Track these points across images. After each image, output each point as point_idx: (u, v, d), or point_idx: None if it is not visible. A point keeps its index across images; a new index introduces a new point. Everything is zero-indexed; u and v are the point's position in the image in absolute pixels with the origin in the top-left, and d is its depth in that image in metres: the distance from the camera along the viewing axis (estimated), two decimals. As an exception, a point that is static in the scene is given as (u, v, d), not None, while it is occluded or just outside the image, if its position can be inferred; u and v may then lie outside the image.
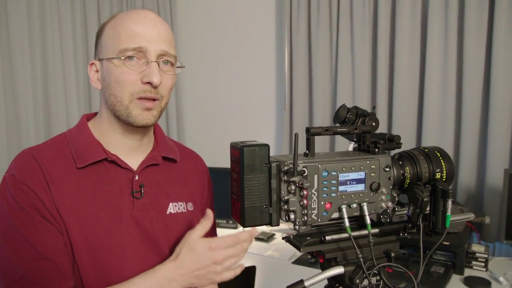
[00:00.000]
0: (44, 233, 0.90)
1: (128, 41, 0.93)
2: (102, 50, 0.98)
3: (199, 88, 3.22)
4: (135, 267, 0.96)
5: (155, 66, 0.94)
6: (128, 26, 0.94)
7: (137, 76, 0.94)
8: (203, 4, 3.12)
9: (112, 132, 1.01)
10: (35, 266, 0.88)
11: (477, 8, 2.11)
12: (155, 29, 0.95)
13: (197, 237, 0.93)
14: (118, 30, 0.95)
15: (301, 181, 0.81)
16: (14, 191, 0.89)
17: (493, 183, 2.12)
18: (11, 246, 0.89)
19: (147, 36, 0.94)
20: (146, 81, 0.93)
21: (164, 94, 0.98)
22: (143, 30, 0.94)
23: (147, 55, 0.94)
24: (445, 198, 0.88)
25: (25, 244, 0.88)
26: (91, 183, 0.96)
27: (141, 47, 0.93)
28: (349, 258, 0.89)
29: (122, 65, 0.93)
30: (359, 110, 1.06)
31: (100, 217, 0.95)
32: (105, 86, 0.98)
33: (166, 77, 0.97)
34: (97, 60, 1.00)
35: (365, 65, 2.43)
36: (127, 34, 0.93)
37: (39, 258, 0.89)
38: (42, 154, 0.95)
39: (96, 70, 1.00)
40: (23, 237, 0.88)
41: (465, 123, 2.19)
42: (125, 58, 0.93)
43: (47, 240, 0.90)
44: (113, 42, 0.95)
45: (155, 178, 1.06)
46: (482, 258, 1.92)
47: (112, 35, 0.96)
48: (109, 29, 0.97)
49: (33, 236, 0.89)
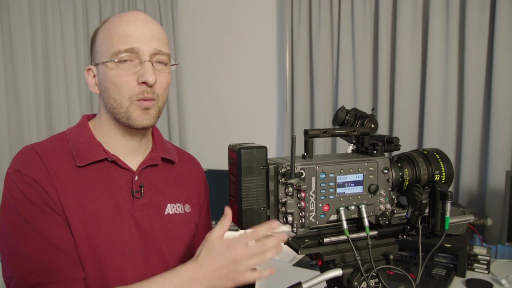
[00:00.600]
0: (55, 225, 0.90)
1: (120, 42, 0.94)
2: (97, 54, 0.99)
3: (200, 91, 3.22)
4: (135, 266, 0.97)
5: (149, 66, 0.94)
6: (120, 28, 0.95)
7: (132, 77, 0.94)
8: (204, 6, 3.13)
9: (112, 134, 1.02)
10: (48, 257, 0.89)
11: (478, 9, 2.10)
12: (146, 29, 0.96)
13: (216, 236, 0.88)
14: (110, 33, 0.96)
15: (298, 183, 0.81)
16: (21, 186, 0.90)
17: (495, 185, 2.11)
18: (22, 239, 0.89)
19: (139, 37, 0.94)
20: (141, 81, 0.94)
21: (160, 93, 0.98)
22: (134, 31, 0.95)
23: (140, 55, 0.94)
24: (444, 200, 0.87)
25: (36, 236, 0.89)
26: (91, 181, 0.97)
27: (134, 48, 0.94)
28: (348, 260, 0.89)
29: (117, 68, 0.94)
30: (358, 112, 1.06)
31: (101, 215, 0.95)
32: (103, 90, 0.99)
33: (161, 76, 0.98)
34: (93, 65, 1.01)
35: (366, 67, 2.43)
36: (119, 36, 0.94)
37: (51, 249, 0.89)
38: (44, 150, 0.96)
39: (93, 75, 1.02)
40: (34, 230, 0.89)
41: (466, 124, 2.18)
42: (118, 61, 0.94)
43: (57, 231, 0.90)
44: (106, 46, 0.96)
45: (154, 179, 1.06)
46: (484, 260, 1.91)
47: (105, 39, 0.97)
48: (102, 33, 0.99)
49: (44, 228, 0.89)
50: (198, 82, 3.21)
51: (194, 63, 3.19)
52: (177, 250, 1.06)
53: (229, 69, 3.06)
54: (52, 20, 2.58)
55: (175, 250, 1.05)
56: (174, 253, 1.05)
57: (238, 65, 3.02)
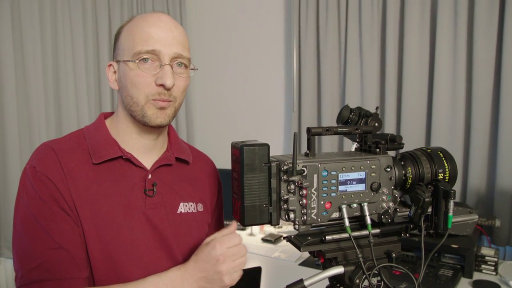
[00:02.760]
0: (62, 224, 0.92)
1: (142, 44, 0.95)
2: (119, 52, 1.01)
3: (208, 90, 3.24)
4: (145, 263, 0.99)
5: (168, 69, 0.96)
6: (143, 29, 0.97)
7: (151, 78, 0.96)
8: (212, 7, 3.14)
9: (128, 131, 1.04)
10: (51, 255, 0.91)
11: (487, 8, 2.08)
12: (169, 32, 0.97)
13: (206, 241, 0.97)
14: (133, 33, 0.98)
15: (300, 181, 0.81)
16: (34, 182, 0.93)
17: (504, 185, 2.09)
18: (30, 235, 0.92)
19: (161, 39, 0.96)
20: (159, 83, 0.96)
21: (177, 95, 1.00)
22: (157, 33, 0.96)
23: (161, 58, 0.96)
24: (447, 198, 0.87)
25: (43, 233, 0.91)
26: (105, 179, 0.99)
27: (155, 50, 0.95)
28: (350, 258, 0.89)
29: (137, 68, 0.96)
30: (362, 111, 1.06)
31: (113, 212, 0.97)
32: (122, 87, 1.01)
33: (179, 79, 0.99)
34: (114, 61, 1.03)
35: (373, 67, 2.42)
36: (142, 37, 0.96)
37: (55, 247, 0.91)
38: (61, 147, 0.98)
39: (114, 71, 1.04)
40: (41, 227, 0.91)
41: (475, 124, 2.17)
42: (139, 61, 0.95)
43: (64, 230, 0.92)
44: (129, 45, 0.97)
45: (167, 177, 1.08)
46: (491, 261, 1.89)
47: (128, 38, 0.99)
48: (125, 31, 1.01)
49: (51, 226, 0.92)
50: (205, 81, 3.23)
51: (202, 63, 3.21)
52: (188, 249, 1.07)
53: (237, 69, 3.07)
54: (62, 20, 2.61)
55: (186, 249, 1.06)
56: (185, 251, 1.06)
57: (246, 65, 3.03)
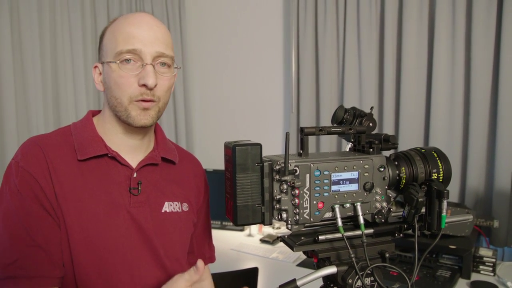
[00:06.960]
0: (40, 222, 0.93)
1: (123, 43, 0.95)
2: (103, 53, 1.01)
3: (207, 91, 3.24)
4: (129, 261, 0.99)
5: (150, 69, 0.96)
6: (124, 29, 0.97)
7: (133, 79, 0.96)
8: (211, 7, 3.14)
9: (114, 131, 1.04)
10: (27, 252, 0.91)
11: (485, 8, 2.08)
12: (150, 31, 0.97)
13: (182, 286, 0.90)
14: (115, 33, 0.98)
15: (292, 180, 0.81)
16: (17, 178, 0.93)
17: (502, 186, 2.09)
18: (9, 230, 0.92)
19: (142, 39, 0.96)
20: (141, 84, 0.95)
21: (161, 95, 1.00)
22: (138, 33, 0.96)
23: (143, 57, 0.96)
24: (441, 198, 0.87)
25: (21, 230, 0.92)
26: (90, 176, 0.99)
27: (136, 49, 0.95)
28: (343, 258, 0.89)
29: (119, 69, 0.96)
30: (356, 111, 1.06)
31: (97, 209, 0.97)
32: (106, 88, 1.01)
33: (162, 79, 0.99)
34: (99, 63, 1.04)
35: (372, 67, 2.42)
36: (123, 37, 0.96)
37: (32, 245, 0.92)
38: (47, 142, 0.98)
39: (99, 73, 1.04)
40: (20, 223, 0.92)
41: (473, 125, 2.16)
42: (121, 61, 0.95)
43: (41, 228, 0.93)
44: (111, 46, 0.98)
45: (153, 177, 1.08)
46: (489, 262, 1.89)
47: (110, 39, 0.99)
48: (108, 32, 1.01)
49: (29, 223, 0.92)
50: (204, 82, 3.23)
51: (200, 64, 3.21)
52: (172, 248, 1.07)
53: (236, 70, 3.07)
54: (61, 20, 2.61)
55: (170, 248, 1.07)
56: (169, 250, 1.06)
57: (245, 66, 3.03)
